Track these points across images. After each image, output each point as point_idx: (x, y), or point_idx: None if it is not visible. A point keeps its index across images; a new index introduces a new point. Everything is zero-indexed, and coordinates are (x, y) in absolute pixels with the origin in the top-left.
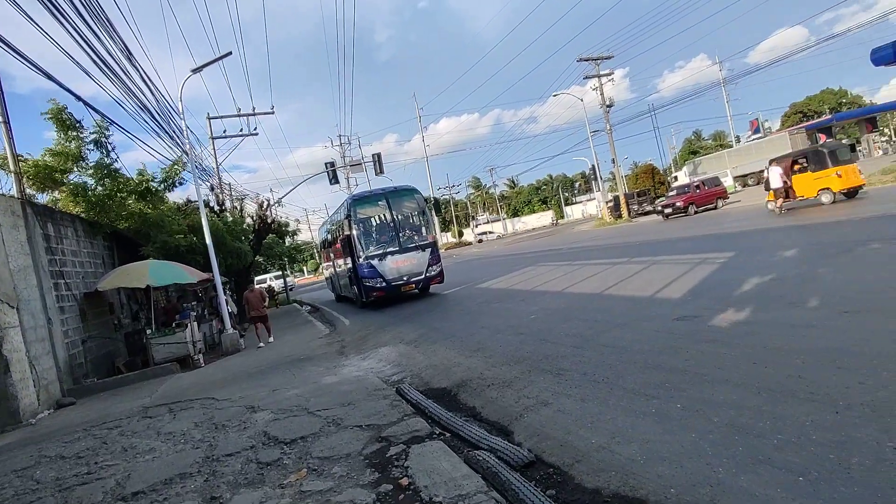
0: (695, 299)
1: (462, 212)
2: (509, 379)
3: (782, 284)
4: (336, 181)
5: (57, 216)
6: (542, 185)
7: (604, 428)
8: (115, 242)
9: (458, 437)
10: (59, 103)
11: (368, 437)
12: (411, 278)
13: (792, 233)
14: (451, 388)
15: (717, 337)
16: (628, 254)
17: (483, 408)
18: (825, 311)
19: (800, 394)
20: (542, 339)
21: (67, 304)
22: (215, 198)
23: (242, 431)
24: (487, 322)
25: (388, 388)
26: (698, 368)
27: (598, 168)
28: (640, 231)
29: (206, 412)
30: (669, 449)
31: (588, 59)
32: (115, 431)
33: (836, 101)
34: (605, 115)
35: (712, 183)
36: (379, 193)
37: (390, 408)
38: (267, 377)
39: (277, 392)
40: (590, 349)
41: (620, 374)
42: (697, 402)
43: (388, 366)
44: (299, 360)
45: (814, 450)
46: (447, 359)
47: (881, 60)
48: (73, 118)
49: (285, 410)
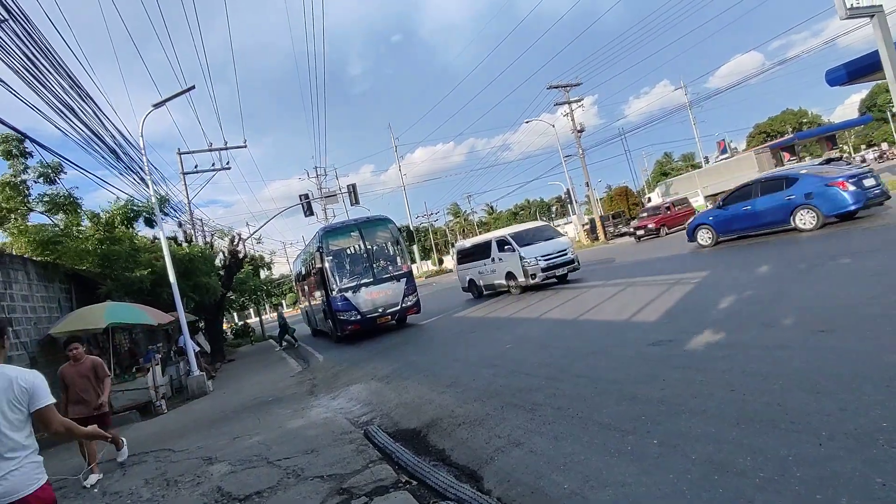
0: (670, 322)
1: (441, 239)
2: (481, 416)
3: (756, 303)
4: (311, 213)
5: (6, 260)
6: (519, 211)
7: (577, 470)
8: (74, 284)
9: (424, 485)
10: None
11: (329, 489)
12: (387, 310)
13: (760, 249)
14: (421, 429)
15: (692, 363)
16: (604, 276)
17: (453, 450)
18: (800, 330)
19: (780, 424)
20: (515, 370)
21: (16, 352)
22: (184, 234)
23: (195, 488)
24: (462, 354)
25: (355, 431)
26: (674, 398)
27: (573, 192)
28: (616, 252)
29: (159, 466)
30: (646, 493)
31: (558, 87)
32: (58, 493)
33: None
34: (577, 140)
35: (681, 203)
36: (351, 224)
37: (356, 454)
38: (230, 423)
39: (238, 440)
40: (564, 380)
41: (595, 407)
42: (674, 436)
43: (359, 405)
44: (267, 403)
45: (798, 489)
46: (419, 396)
47: (836, 81)
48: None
49: (244, 461)
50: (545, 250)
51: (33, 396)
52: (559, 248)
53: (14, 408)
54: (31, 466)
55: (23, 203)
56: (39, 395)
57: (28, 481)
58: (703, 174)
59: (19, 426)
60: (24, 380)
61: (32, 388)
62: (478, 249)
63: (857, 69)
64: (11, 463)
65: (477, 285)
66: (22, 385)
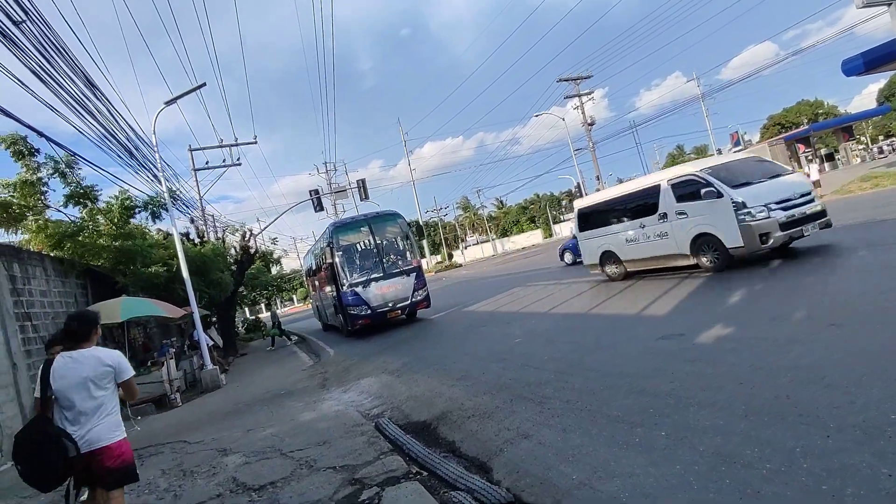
0: (680, 316)
1: (451, 234)
2: (490, 409)
3: (768, 296)
4: (321, 208)
5: (24, 255)
6: (529, 205)
7: (586, 462)
8: (90, 280)
9: (435, 476)
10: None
11: (341, 479)
12: (397, 304)
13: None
14: (432, 422)
15: (701, 356)
16: None
17: (463, 442)
18: (811, 323)
19: (788, 416)
20: (525, 364)
21: (35, 346)
22: (196, 230)
23: (211, 478)
24: (472, 348)
25: (367, 424)
26: (683, 391)
27: (584, 185)
28: None
29: (175, 457)
30: (654, 484)
31: (568, 80)
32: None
33: (812, 111)
34: (588, 134)
35: None
36: (361, 219)
37: (367, 445)
38: (244, 416)
39: (252, 432)
40: (573, 374)
41: (604, 400)
42: (682, 428)
43: (370, 398)
44: (279, 396)
45: (805, 480)
46: (429, 389)
47: (852, 71)
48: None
49: (258, 453)
50: (779, 192)
51: (118, 372)
52: (799, 191)
53: (101, 380)
54: (110, 424)
55: (39, 200)
56: (123, 371)
57: (107, 434)
58: None
59: (103, 394)
60: (111, 359)
61: (117, 366)
62: (625, 204)
63: (875, 58)
64: (94, 419)
65: (617, 260)
66: (108, 363)
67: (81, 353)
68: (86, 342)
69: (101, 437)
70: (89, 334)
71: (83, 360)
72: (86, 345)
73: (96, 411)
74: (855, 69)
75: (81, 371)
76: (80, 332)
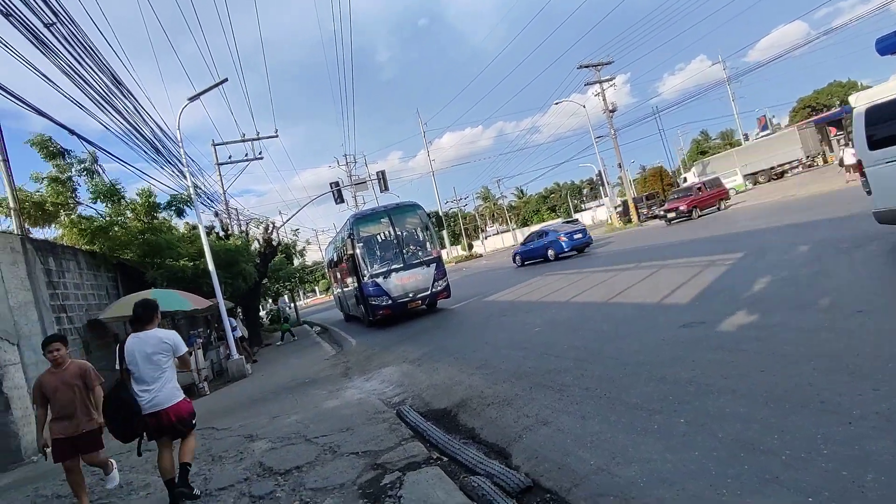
0: (702, 304)
1: (471, 224)
2: (510, 397)
3: (793, 284)
4: (341, 200)
5: (58, 250)
6: (549, 194)
7: (604, 448)
8: (120, 273)
9: (455, 461)
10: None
11: (364, 464)
12: (417, 294)
13: (807, 229)
14: (452, 409)
15: (723, 344)
16: (636, 259)
17: (482, 429)
18: (837, 312)
19: (810, 404)
20: (545, 353)
21: (71, 336)
22: (220, 223)
23: (238, 463)
24: (492, 337)
25: (388, 411)
26: (704, 379)
27: (605, 173)
28: (649, 235)
29: (204, 443)
30: (671, 469)
31: (588, 66)
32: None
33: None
34: (609, 121)
35: (713, 184)
36: (381, 211)
37: (389, 432)
38: (269, 403)
39: (277, 419)
40: (593, 362)
41: (623, 388)
42: (702, 415)
43: (391, 386)
44: (303, 384)
45: (825, 466)
46: (449, 377)
47: (887, 50)
48: (60, 147)
49: (283, 438)
50: None
51: (175, 348)
52: None
53: (162, 355)
54: (171, 388)
55: (70, 197)
56: (179, 347)
57: (170, 397)
58: (742, 152)
59: (164, 365)
60: (169, 338)
61: (174, 344)
62: None
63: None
64: (158, 384)
65: None
66: (167, 341)
67: (146, 334)
68: (149, 324)
69: (164, 400)
70: (152, 318)
71: (147, 339)
72: (149, 327)
73: (159, 379)
74: (890, 48)
75: (146, 348)
76: (144, 316)
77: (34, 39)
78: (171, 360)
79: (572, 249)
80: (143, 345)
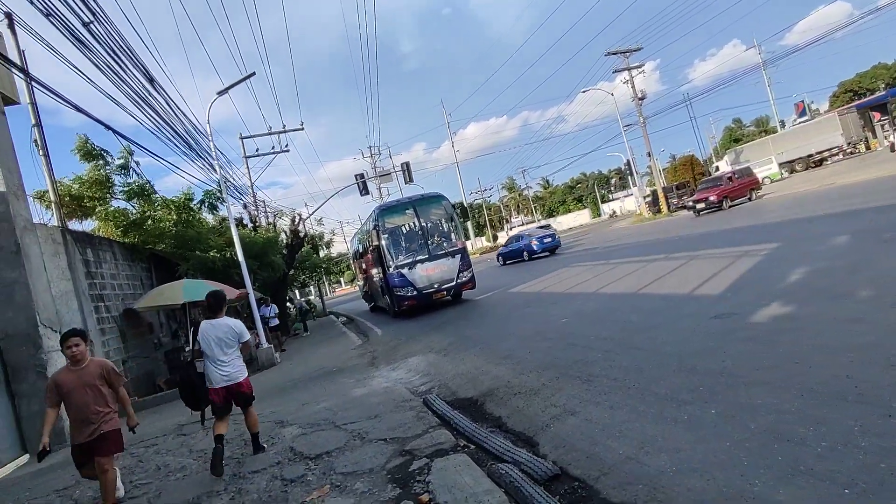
0: (734, 295)
1: (496, 215)
2: (537, 387)
3: (830, 275)
4: (366, 192)
5: (96, 242)
6: (576, 184)
7: (632, 437)
8: (153, 264)
9: (482, 449)
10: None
11: (392, 450)
12: (442, 285)
13: (846, 219)
14: (478, 398)
15: (756, 335)
16: (666, 250)
17: (509, 418)
18: (876, 302)
19: (847, 395)
20: (572, 343)
21: (108, 325)
22: (248, 215)
23: (270, 447)
24: (517, 328)
25: (415, 399)
26: (736, 370)
27: (634, 163)
28: (679, 225)
29: (236, 428)
30: (702, 459)
31: (616, 53)
32: (151, 450)
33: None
34: (638, 109)
35: (744, 174)
36: (406, 202)
37: (416, 420)
38: (298, 391)
39: (307, 406)
40: (621, 353)
41: (652, 378)
42: (734, 406)
43: (417, 376)
44: (331, 373)
45: (862, 458)
46: (476, 367)
47: None
48: (98, 149)
49: (313, 425)
50: None
51: (241, 335)
52: None
53: (231, 339)
54: (239, 366)
55: (107, 193)
56: (243, 334)
57: (238, 373)
58: (778, 139)
59: (232, 346)
60: (236, 325)
61: (240, 331)
62: None
63: None
64: (228, 360)
65: None
66: (234, 328)
67: (217, 321)
68: (220, 312)
69: (233, 377)
70: (221, 307)
71: (218, 326)
72: (220, 314)
73: (228, 359)
74: None
75: (216, 333)
76: (214, 305)
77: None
78: (237, 344)
79: (543, 251)
80: (215, 330)
